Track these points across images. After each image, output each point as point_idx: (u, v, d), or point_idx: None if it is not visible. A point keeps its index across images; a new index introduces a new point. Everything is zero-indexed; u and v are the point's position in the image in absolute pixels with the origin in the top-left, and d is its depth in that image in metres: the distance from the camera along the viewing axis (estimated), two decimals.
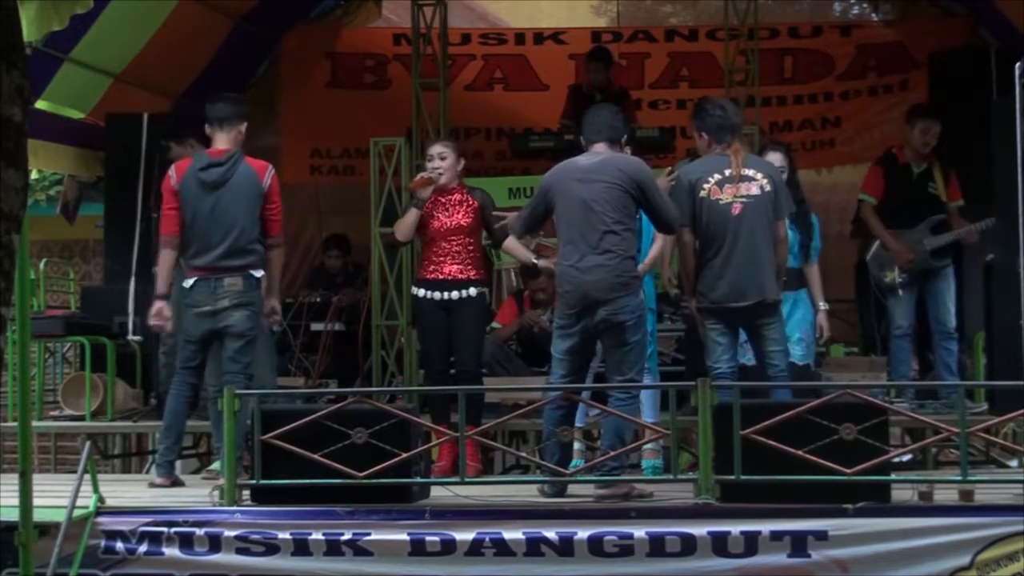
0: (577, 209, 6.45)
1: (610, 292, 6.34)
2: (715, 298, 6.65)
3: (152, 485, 6.96)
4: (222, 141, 7.07)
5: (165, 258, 7.07)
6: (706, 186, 6.67)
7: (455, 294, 7.41)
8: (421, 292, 7.50)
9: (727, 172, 6.67)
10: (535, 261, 7.48)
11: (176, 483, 7.05)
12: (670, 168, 7.94)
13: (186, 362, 7.07)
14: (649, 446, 7.07)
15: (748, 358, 7.04)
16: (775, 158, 7.32)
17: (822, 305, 7.47)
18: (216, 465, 7.35)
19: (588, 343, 6.52)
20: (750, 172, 6.70)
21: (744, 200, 6.64)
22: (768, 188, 6.68)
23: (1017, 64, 6.80)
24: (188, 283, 7.04)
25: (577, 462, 6.95)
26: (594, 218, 6.40)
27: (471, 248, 7.50)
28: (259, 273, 7.01)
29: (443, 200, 7.49)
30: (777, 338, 6.71)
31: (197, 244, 7.00)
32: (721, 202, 6.64)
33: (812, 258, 7.49)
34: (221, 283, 6.94)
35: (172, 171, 7.13)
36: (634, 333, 6.41)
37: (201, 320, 6.98)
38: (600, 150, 6.61)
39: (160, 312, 7.07)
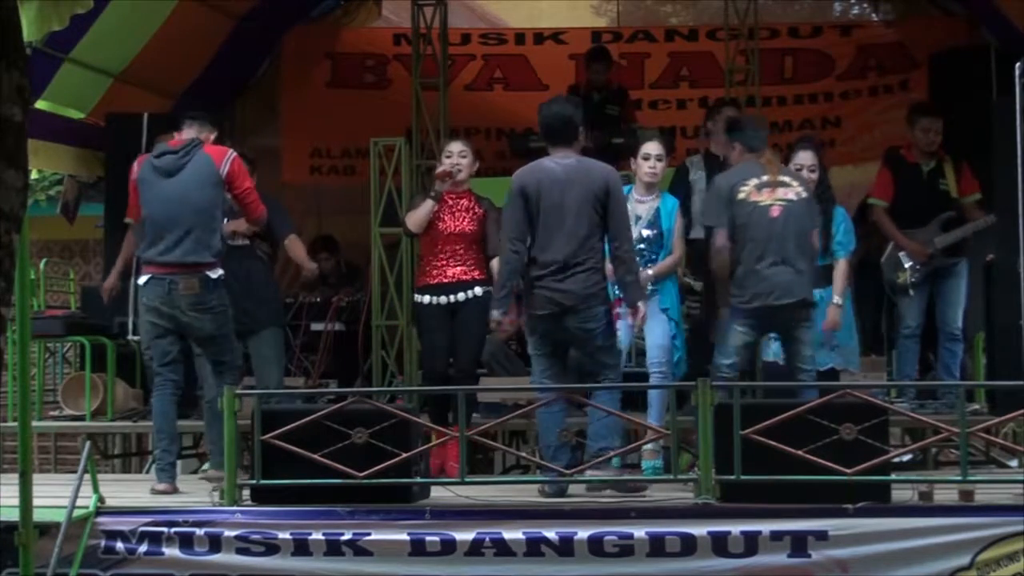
0: (554, 217, 6.46)
1: (583, 302, 6.42)
2: (757, 298, 6.66)
3: (154, 491, 6.74)
4: (186, 134, 6.91)
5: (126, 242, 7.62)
6: (744, 188, 6.74)
7: (461, 295, 7.42)
8: (426, 299, 7.47)
9: (764, 177, 6.76)
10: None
11: (174, 490, 6.77)
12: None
13: (162, 359, 6.84)
14: (649, 447, 7.08)
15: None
16: (806, 156, 7.41)
17: (836, 299, 7.43)
18: (207, 466, 7.31)
19: (559, 345, 6.61)
20: (786, 179, 6.81)
21: (783, 203, 6.72)
22: (804, 195, 6.81)
23: (1017, 64, 6.80)
24: (142, 280, 6.84)
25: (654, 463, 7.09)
26: (572, 228, 6.44)
27: (474, 251, 7.51)
28: (216, 274, 6.75)
29: (451, 203, 7.49)
30: (809, 341, 6.80)
31: (150, 236, 6.78)
32: (760, 204, 6.72)
33: (837, 253, 7.48)
34: (176, 286, 6.67)
35: (135, 164, 7.00)
36: (604, 339, 6.51)
37: (158, 318, 6.76)
38: (565, 153, 6.61)
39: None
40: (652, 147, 7.32)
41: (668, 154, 7.52)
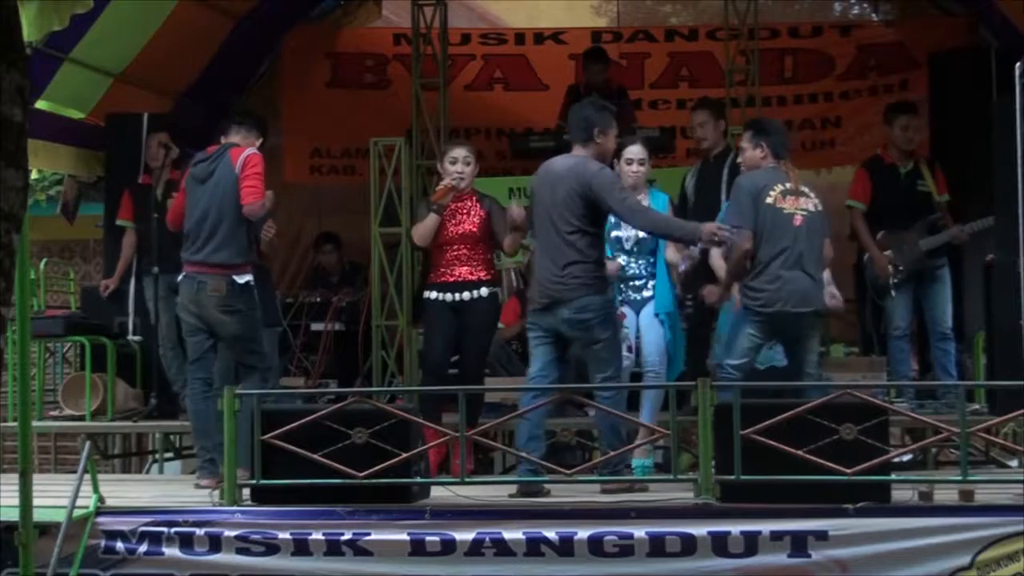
0: (544, 216, 6.62)
1: (573, 292, 6.49)
2: (774, 303, 6.69)
3: (197, 486, 6.88)
4: (231, 137, 7.07)
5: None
6: (772, 194, 6.78)
7: (466, 295, 7.42)
8: (433, 295, 7.50)
9: (787, 185, 6.81)
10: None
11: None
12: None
13: (194, 355, 7.00)
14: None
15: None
16: (636, 150, 7.38)
17: None
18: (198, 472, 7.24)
19: (558, 343, 6.67)
20: (805, 189, 6.88)
21: (804, 213, 6.78)
22: (820, 207, 6.89)
23: (1017, 64, 6.80)
24: (179, 277, 7.05)
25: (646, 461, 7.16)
26: (556, 226, 6.54)
27: (480, 252, 7.51)
28: (243, 278, 6.88)
29: (453, 208, 7.48)
30: (815, 348, 6.92)
31: (187, 239, 6.99)
32: (785, 211, 6.77)
33: None
34: (204, 286, 6.84)
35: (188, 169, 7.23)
36: (602, 331, 6.52)
37: (188, 315, 6.94)
38: (576, 152, 6.71)
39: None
40: (635, 151, 7.33)
41: (663, 155, 7.50)
